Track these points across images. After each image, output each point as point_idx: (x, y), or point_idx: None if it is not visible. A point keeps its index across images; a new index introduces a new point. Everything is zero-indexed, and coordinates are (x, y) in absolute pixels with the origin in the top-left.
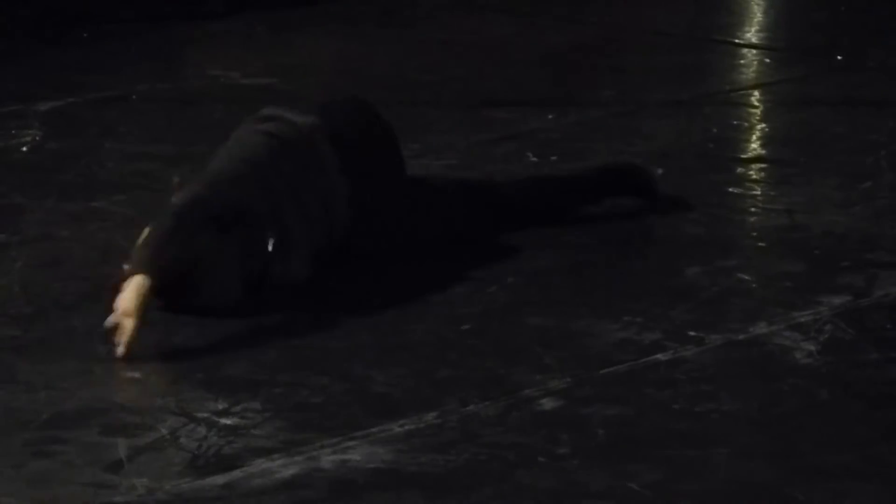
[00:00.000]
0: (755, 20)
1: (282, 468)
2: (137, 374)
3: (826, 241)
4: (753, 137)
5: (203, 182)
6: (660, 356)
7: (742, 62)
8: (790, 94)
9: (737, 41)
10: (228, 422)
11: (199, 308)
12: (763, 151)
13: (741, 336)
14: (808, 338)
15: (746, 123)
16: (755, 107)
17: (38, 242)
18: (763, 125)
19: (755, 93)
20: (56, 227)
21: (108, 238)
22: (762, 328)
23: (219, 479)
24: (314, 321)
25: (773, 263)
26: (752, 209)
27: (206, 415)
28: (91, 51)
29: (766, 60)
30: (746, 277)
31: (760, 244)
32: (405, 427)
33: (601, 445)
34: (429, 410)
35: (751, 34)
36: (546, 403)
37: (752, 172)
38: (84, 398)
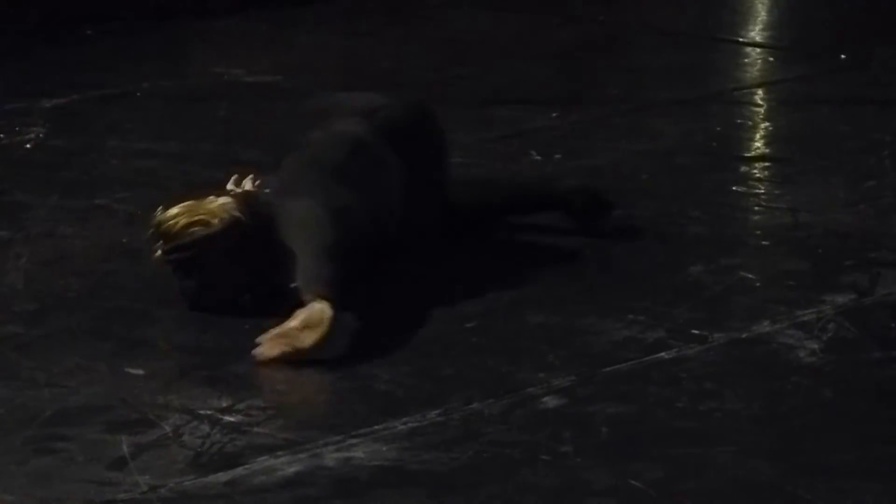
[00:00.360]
0: (760, 19)
1: (285, 466)
2: (141, 371)
3: (830, 240)
4: (757, 136)
5: (315, 187)
6: (663, 354)
7: (746, 61)
8: (794, 93)
9: (741, 40)
10: (232, 419)
11: None
12: (767, 150)
13: (745, 334)
14: (812, 336)
15: (750, 122)
16: (759, 105)
17: (42, 239)
18: (767, 124)
19: (759, 91)
20: (60, 225)
21: (112, 235)
22: (766, 327)
23: (222, 477)
24: None
25: (777, 262)
26: (756, 208)
27: (210, 412)
28: (95, 48)
29: (771, 59)
30: (750, 276)
31: (764, 243)
32: (409, 425)
33: (604, 443)
34: (432, 408)
35: (755, 33)
36: (549, 401)
37: (756, 171)
38: (87, 395)
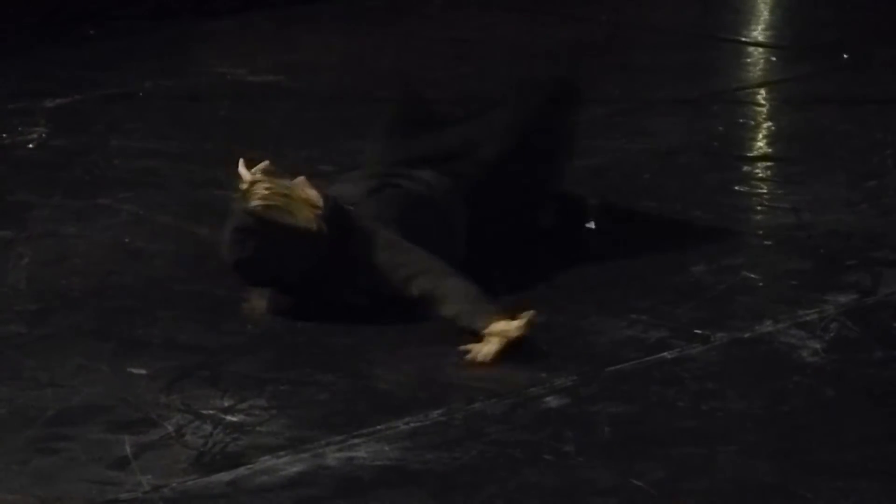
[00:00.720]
0: (762, 18)
1: (287, 465)
2: (143, 371)
3: (832, 240)
4: (759, 136)
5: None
6: (666, 354)
7: (748, 60)
8: (796, 93)
9: (743, 39)
10: (234, 419)
11: None
12: (769, 150)
13: (747, 334)
14: (814, 336)
15: (752, 122)
16: (761, 105)
17: (45, 239)
18: (769, 123)
19: (761, 91)
20: (62, 224)
21: (115, 235)
22: (768, 326)
23: (224, 477)
24: (320, 319)
25: (779, 262)
26: (758, 207)
27: (212, 412)
28: (98, 48)
29: (773, 59)
30: (752, 276)
31: (766, 242)
32: (411, 425)
33: (607, 443)
34: (435, 408)
35: (757, 32)
36: (552, 401)
37: (759, 171)
38: (89, 395)
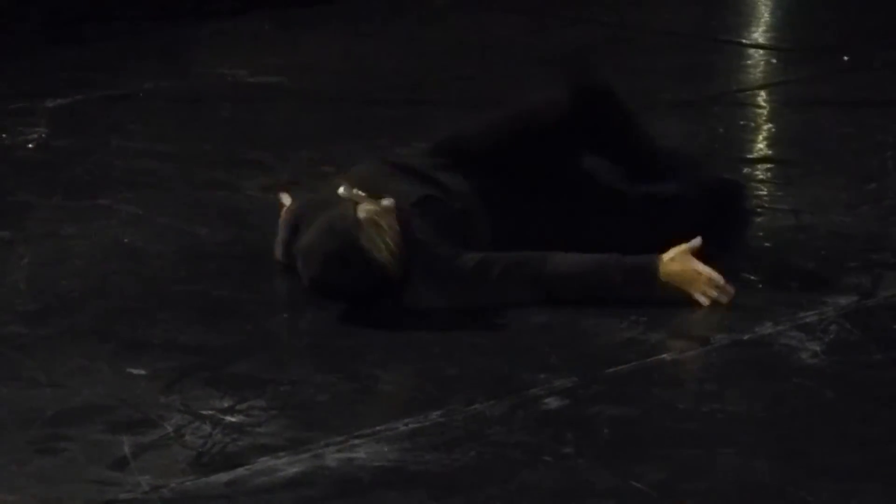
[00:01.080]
0: (762, 20)
1: (287, 466)
2: (142, 372)
3: (832, 242)
4: (760, 137)
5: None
6: (665, 356)
7: (749, 62)
8: (797, 95)
9: (744, 41)
10: (233, 419)
11: None
12: (769, 152)
13: (747, 336)
14: (814, 338)
15: (753, 124)
16: (762, 107)
17: (45, 240)
18: (769, 125)
19: (762, 93)
20: (62, 225)
21: (115, 235)
22: (768, 328)
23: (223, 477)
24: (320, 319)
25: (779, 263)
26: (759, 209)
27: (211, 412)
28: (98, 49)
29: (773, 61)
30: (752, 277)
31: (766, 244)
32: (410, 426)
33: (606, 445)
34: (434, 409)
35: (758, 34)
36: (551, 403)
37: (759, 172)
38: (89, 396)
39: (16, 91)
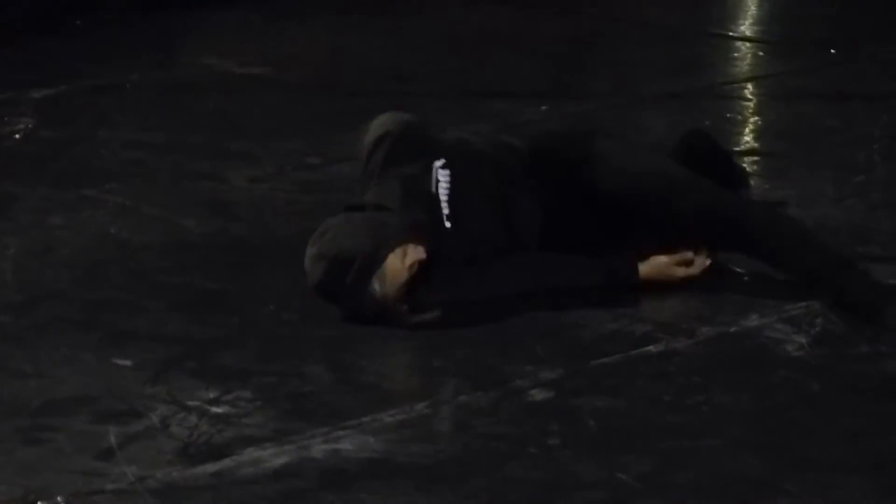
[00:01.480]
0: (749, 13)
1: (272, 457)
2: (128, 362)
3: (819, 235)
4: (747, 130)
5: None
6: (651, 348)
7: (736, 55)
8: (784, 88)
9: (731, 34)
10: (219, 410)
11: None
12: (756, 144)
13: (733, 328)
14: (800, 331)
15: (740, 116)
16: (749, 100)
17: (31, 230)
18: (756, 118)
19: (749, 86)
20: (49, 215)
21: (101, 226)
22: (754, 321)
23: (209, 468)
24: (305, 311)
25: None
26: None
27: (197, 403)
28: (85, 39)
29: (760, 54)
30: (738, 270)
31: None
32: (397, 417)
33: (592, 436)
34: (420, 400)
35: (745, 27)
36: (537, 394)
37: (746, 165)
38: (75, 386)
39: (2, 81)
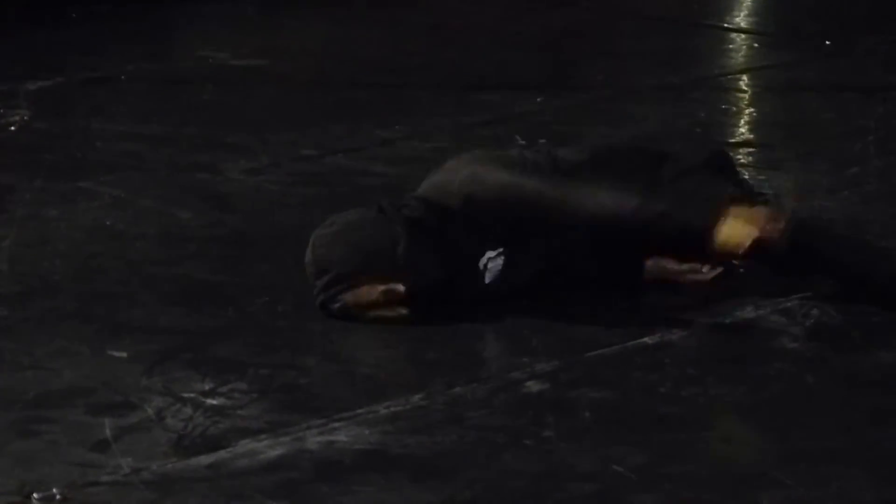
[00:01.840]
0: (744, 5)
1: (268, 449)
2: (124, 354)
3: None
4: (742, 122)
5: None
6: (647, 339)
7: (731, 47)
8: (779, 79)
9: (726, 26)
10: (215, 402)
11: None
12: (751, 136)
13: (728, 320)
14: (795, 322)
15: (735, 108)
16: (744, 91)
17: (26, 222)
18: (751, 110)
19: (744, 77)
20: (44, 207)
21: (96, 218)
22: (749, 312)
23: (204, 460)
24: (301, 303)
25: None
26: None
27: (193, 395)
28: (80, 31)
29: (755, 45)
30: (734, 261)
31: None
32: (392, 409)
33: (587, 428)
34: (415, 392)
35: (740, 19)
36: (532, 386)
37: (741, 157)
38: (70, 378)
39: None
